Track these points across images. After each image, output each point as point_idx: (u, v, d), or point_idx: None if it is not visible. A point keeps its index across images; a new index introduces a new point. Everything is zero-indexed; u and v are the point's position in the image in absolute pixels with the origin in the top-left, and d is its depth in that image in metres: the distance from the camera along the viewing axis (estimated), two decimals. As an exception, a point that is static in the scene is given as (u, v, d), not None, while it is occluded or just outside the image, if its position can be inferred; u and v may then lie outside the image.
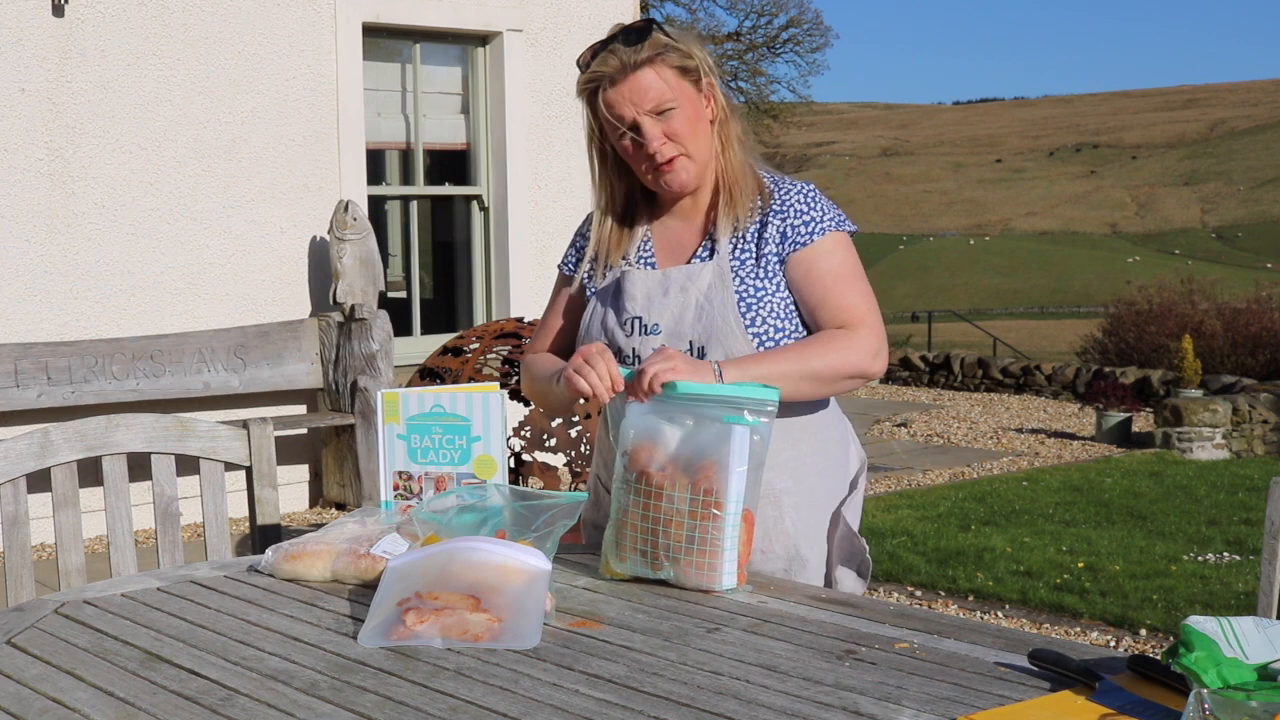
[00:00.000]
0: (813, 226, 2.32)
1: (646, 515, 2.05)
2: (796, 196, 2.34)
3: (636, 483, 2.07)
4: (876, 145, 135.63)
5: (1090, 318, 22.80)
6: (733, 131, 2.36)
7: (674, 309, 2.30)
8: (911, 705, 1.55)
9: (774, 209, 2.34)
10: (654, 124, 2.29)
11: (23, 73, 6.71)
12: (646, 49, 2.28)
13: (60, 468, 2.60)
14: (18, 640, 1.89)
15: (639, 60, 2.28)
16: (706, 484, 2.02)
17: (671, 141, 2.30)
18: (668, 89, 2.28)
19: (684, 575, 2.05)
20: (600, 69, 2.30)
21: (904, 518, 7.25)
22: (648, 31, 2.30)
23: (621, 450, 2.12)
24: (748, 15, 29.14)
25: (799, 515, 2.30)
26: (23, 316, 6.77)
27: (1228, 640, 1.56)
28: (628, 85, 2.28)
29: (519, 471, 5.60)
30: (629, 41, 2.29)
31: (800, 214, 2.33)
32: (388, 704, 1.60)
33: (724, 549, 2.03)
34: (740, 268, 2.31)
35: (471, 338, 6.22)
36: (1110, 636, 5.25)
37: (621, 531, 2.09)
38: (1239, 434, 9.96)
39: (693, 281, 2.31)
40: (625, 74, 2.28)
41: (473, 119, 8.38)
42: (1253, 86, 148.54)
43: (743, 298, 2.29)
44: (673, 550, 2.04)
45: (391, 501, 2.34)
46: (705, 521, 2.01)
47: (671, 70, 2.29)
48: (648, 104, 2.28)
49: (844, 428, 2.45)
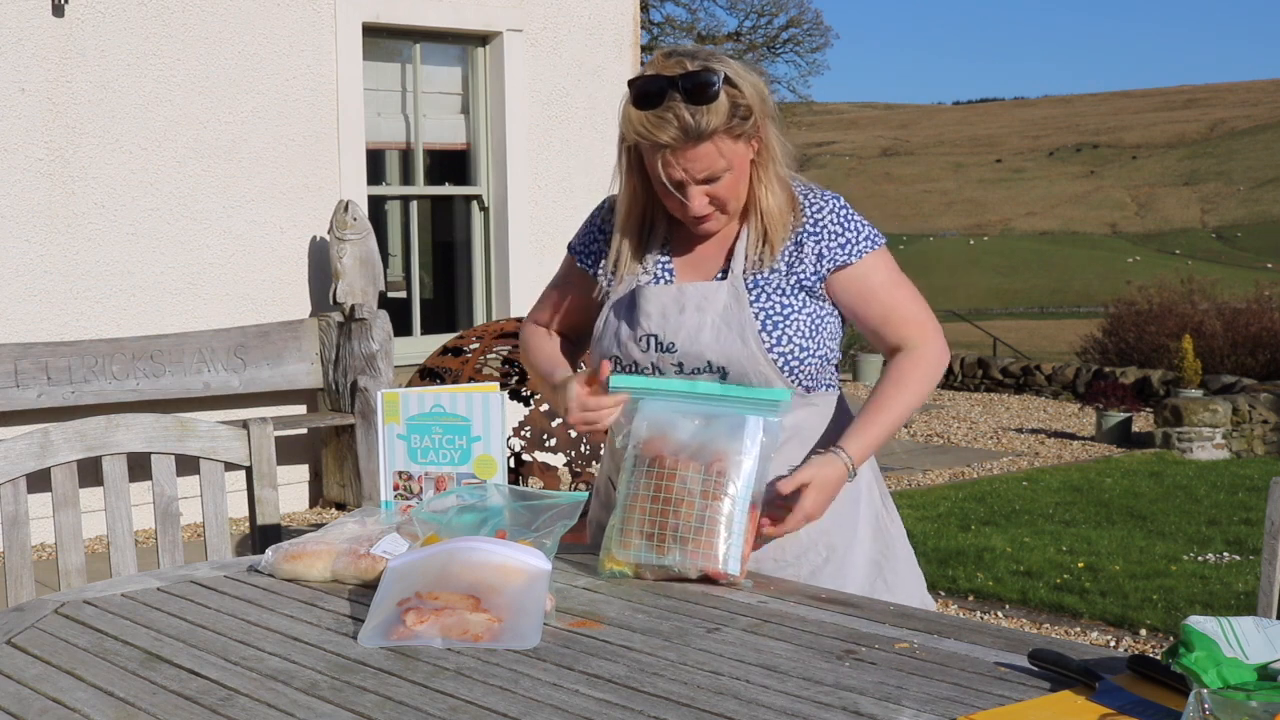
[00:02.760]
0: (850, 248, 2.28)
1: (658, 497, 2.08)
2: (830, 216, 2.29)
3: (650, 466, 2.11)
4: (876, 145, 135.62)
5: (1090, 318, 22.78)
6: (772, 168, 2.24)
7: (690, 328, 2.25)
8: (911, 705, 1.55)
9: (807, 230, 2.28)
10: (699, 190, 2.19)
11: (23, 73, 6.71)
12: (712, 118, 2.12)
13: (60, 468, 2.60)
14: (18, 640, 1.89)
15: (703, 133, 2.13)
16: (720, 466, 2.08)
17: (712, 201, 2.22)
18: (723, 160, 2.17)
19: (690, 559, 2.06)
20: (657, 134, 2.13)
21: (904, 518, 7.18)
22: (714, 90, 2.11)
23: (634, 443, 2.14)
24: (748, 15, 29.13)
25: (831, 507, 2.26)
26: (23, 316, 6.77)
27: (1228, 640, 1.56)
28: (685, 155, 2.15)
29: (519, 471, 5.60)
30: (692, 99, 2.11)
31: (836, 235, 2.28)
32: (388, 704, 1.60)
33: (733, 532, 2.06)
34: (765, 285, 2.26)
35: (471, 338, 6.22)
36: (1110, 636, 5.25)
37: (629, 515, 2.11)
38: (1239, 434, 9.97)
39: (709, 301, 2.26)
40: (685, 144, 2.14)
41: (473, 119, 8.38)
42: (1253, 86, 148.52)
43: (768, 315, 2.25)
44: (681, 531, 2.06)
45: (391, 501, 2.34)
46: (716, 502, 2.06)
47: (732, 139, 2.16)
48: (700, 174, 2.17)
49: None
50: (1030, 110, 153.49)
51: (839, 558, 2.31)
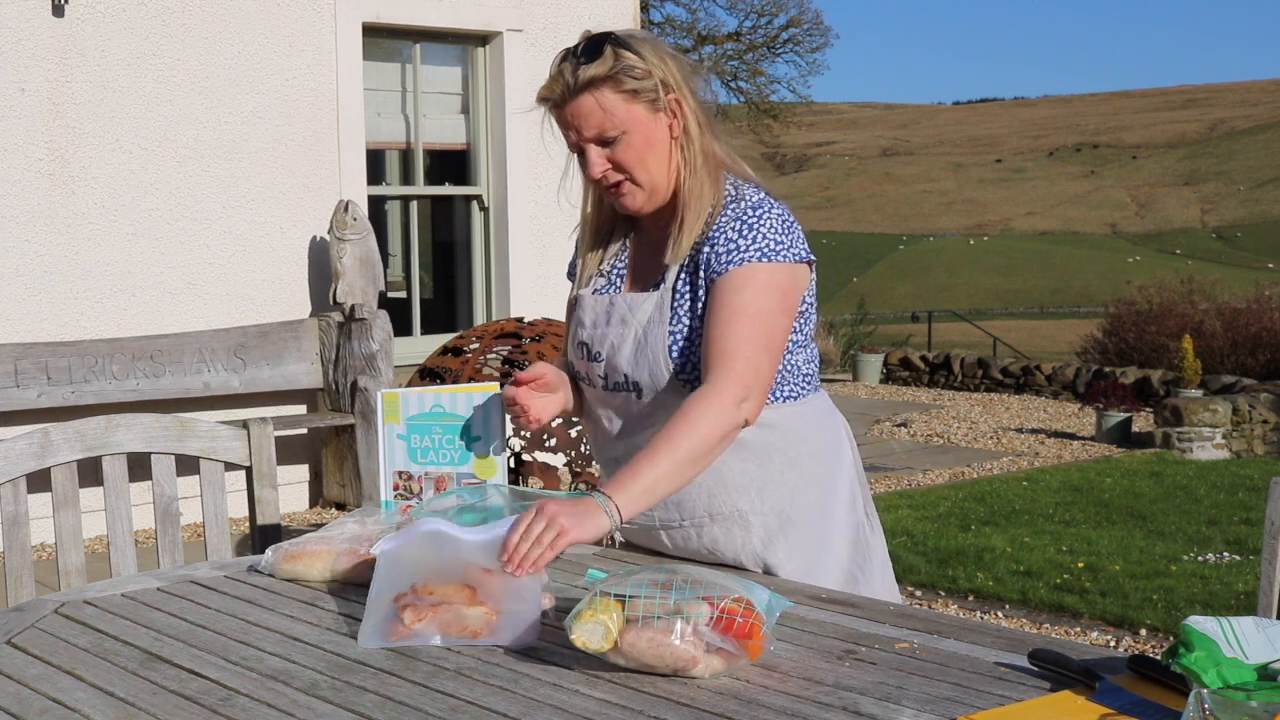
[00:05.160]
0: (732, 256, 2.14)
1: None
2: (735, 223, 2.17)
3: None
4: (876, 145, 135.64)
5: (1090, 318, 22.80)
6: (695, 149, 2.20)
7: (613, 339, 2.24)
8: (911, 705, 1.55)
9: (711, 235, 2.18)
10: (597, 151, 2.19)
11: (23, 73, 6.71)
12: (591, 69, 2.14)
13: (60, 468, 2.60)
14: (18, 640, 1.89)
15: (580, 84, 2.15)
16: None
17: (616, 169, 2.20)
18: (609, 117, 2.15)
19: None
20: (547, 92, 2.20)
21: (904, 518, 7.25)
22: (599, 50, 2.16)
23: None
24: (748, 15, 29.12)
25: (768, 533, 2.24)
26: (23, 316, 6.77)
27: (1228, 640, 1.56)
28: (570, 110, 2.17)
29: (519, 471, 5.60)
30: (580, 59, 2.16)
31: (728, 242, 2.16)
32: (388, 704, 1.60)
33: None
34: (679, 303, 2.20)
35: (471, 338, 6.22)
36: (1110, 636, 5.25)
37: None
38: (1239, 434, 9.97)
39: (633, 313, 2.24)
40: (568, 98, 2.17)
41: (473, 119, 8.38)
42: (1253, 86, 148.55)
43: (677, 338, 2.19)
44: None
45: (391, 501, 2.34)
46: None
47: (618, 95, 2.15)
48: (589, 131, 2.17)
49: (829, 439, 2.33)
50: (1030, 110, 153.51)
51: (810, 561, 2.26)
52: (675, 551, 2.29)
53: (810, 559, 2.26)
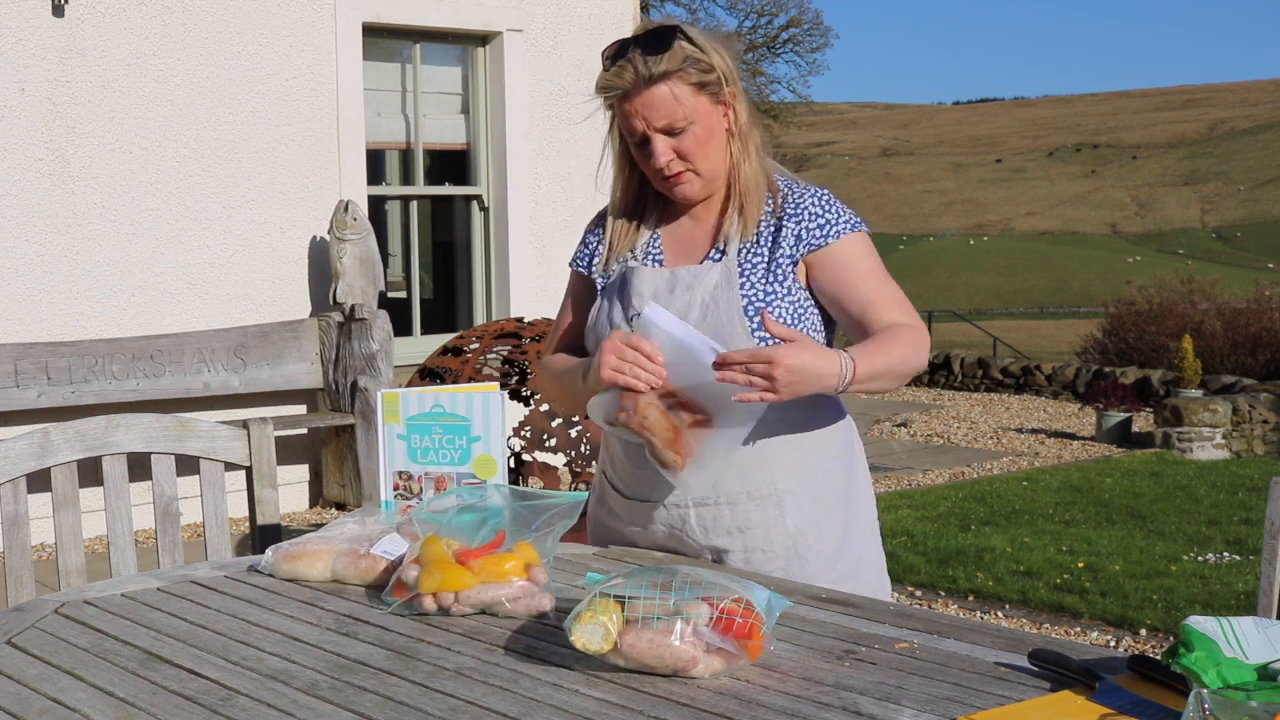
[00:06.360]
0: (828, 229, 2.29)
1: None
2: (810, 200, 2.32)
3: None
4: (876, 145, 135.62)
5: (1090, 318, 22.80)
6: (751, 140, 2.32)
7: (679, 307, 2.27)
8: (911, 705, 1.55)
9: (788, 212, 2.31)
10: (664, 141, 2.25)
11: (23, 73, 6.71)
12: (664, 63, 2.21)
13: (60, 468, 2.60)
14: (18, 640, 1.89)
15: (654, 75, 2.21)
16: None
17: (680, 159, 2.27)
18: (680, 108, 2.23)
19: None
20: (615, 81, 2.24)
21: (904, 518, 7.25)
22: (669, 41, 2.23)
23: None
24: (748, 15, 29.15)
25: (800, 515, 2.29)
26: (23, 316, 6.77)
27: (1228, 640, 1.56)
28: (641, 100, 2.23)
29: (519, 471, 5.60)
30: (649, 50, 2.22)
31: (815, 216, 2.30)
32: (388, 704, 1.60)
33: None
34: (751, 271, 2.29)
35: (471, 338, 6.22)
36: (1110, 636, 5.25)
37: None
38: (1239, 434, 9.96)
39: (699, 281, 2.29)
40: (639, 89, 2.22)
41: (473, 119, 8.38)
42: (1253, 86, 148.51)
43: (751, 301, 2.26)
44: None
45: (391, 501, 2.34)
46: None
47: (689, 87, 2.24)
48: (659, 121, 2.24)
49: (849, 428, 2.42)
50: (1030, 110, 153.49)
51: (839, 544, 2.32)
52: (697, 535, 2.31)
53: (839, 541, 2.33)
